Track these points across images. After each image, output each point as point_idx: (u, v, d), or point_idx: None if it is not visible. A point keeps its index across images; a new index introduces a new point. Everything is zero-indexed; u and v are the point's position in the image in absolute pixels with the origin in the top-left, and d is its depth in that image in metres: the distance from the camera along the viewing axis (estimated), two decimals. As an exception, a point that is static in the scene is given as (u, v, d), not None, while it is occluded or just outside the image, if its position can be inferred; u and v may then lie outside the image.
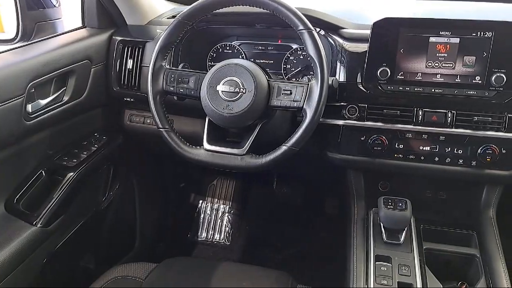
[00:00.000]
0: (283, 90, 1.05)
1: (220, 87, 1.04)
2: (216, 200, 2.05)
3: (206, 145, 1.08)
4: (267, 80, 1.06)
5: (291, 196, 2.00)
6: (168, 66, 1.12)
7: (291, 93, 1.04)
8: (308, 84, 1.03)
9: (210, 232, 2.00)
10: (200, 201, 2.06)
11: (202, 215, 2.04)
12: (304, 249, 1.90)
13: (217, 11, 1.11)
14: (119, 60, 1.36)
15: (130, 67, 1.35)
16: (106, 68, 1.37)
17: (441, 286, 1.01)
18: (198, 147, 1.09)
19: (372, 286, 1.00)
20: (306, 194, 1.97)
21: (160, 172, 1.87)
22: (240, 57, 1.41)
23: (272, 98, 1.05)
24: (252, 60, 1.40)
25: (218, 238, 1.99)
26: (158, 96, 1.10)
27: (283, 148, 1.03)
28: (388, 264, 1.05)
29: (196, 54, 1.39)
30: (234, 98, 1.03)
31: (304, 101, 1.02)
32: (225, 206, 2.04)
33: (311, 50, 1.02)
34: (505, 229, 1.21)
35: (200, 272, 1.17)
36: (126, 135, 1.48)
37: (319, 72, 1.01)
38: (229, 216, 2.02)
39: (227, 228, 2.00)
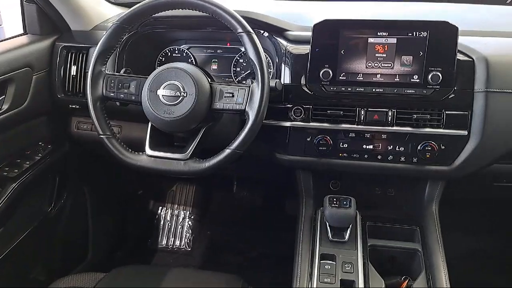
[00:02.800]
0: (225, 93, 1.05)
1: (161, 92, 1.04)
2: (176, 206, 2.04)
3: (148, 151, 1.07)
4: (209, 83, 1.06)
5: (251, 198, 2.00)
6: (108, 72, 1.11)
7: (233, 96, 1.04)
8: (250, 86, 1.04)
9: (171, 239, 1.98)
10: (160, 208, 2.04)
11: (162, 222, 2.02)
12: (266, 250, 1.91)
13: (159, 14, 1.11)
14: (63, 67, 1.33)
15: (74, 73, 1.32)
16: (49, 75, 1.34)
17: (383, 282, 1.03)
18: (141, 153, 1.08)
19: (315, 285, 1.01)
20: (266, 196, 1.98)
21: (115, 179, 1.84)
22: (189, 60, 1.40)
23: (214, 101, 1.05)
24: (201, 63, 1.40)
25: (178, 245, 1.97)
26: (98, 102, 1.08)
27: (227, 151, 1.03)
28: (333, 262, 1.07)
29: (143, 58, 1.37)
30: (175, 102, 1.03)
31: (246, 104, 1.03)
32: (185, 211, 2.02)
33: (251, 53, 1.03)
34: (447, 223, 1.25)
35: (149, 280, 1.15)
36: (74, 143, 1.45)
37: (259, 74, 1.02)
38: (190, 222, 2.00)
39: (187, 234, 1.98)
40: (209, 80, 1.07)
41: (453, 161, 1.14)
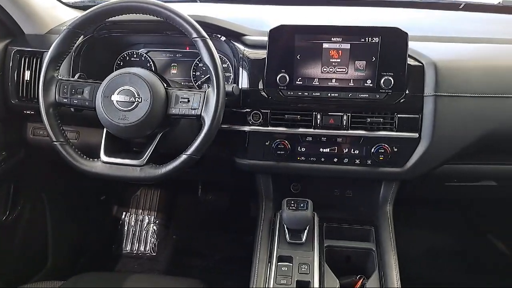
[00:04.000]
0: (181, 98, 1.05)
1: (115, 97, 1.03)
2: (141, 211, 2.02)
3: (103, 157, 1.06)
4: (165, 89, 1.06)
5: (216, 202, 2.00)
6: (62, 77, 1.09)
7: (189, 101, 1.04)
8: (205, 92, 1.04)
9: (135, 244, 1.96)
10: (124, 213, 2.01)
11: (126, 227, 1.99)
12: (230, 254, 1.91)
13: (115, 19, 1.10)
14: (16, 72, 1.30)
15: (28, 78, 1.29)
16: (2, 80, 1.30)
17: (338, 281, 1.06)
18: (96, 159, 1.07)
19: (271, 286, 1.03)
20: (231, 199, 1.99)
21: (76, 186, 1.80)
22: (148, 65, 1.39)
23: (170, 107, 1.05)
24: (161, 68, 1.40)
25: (143, 250, 1.95)
26: (51, 108, 1.07)
27: (183, 157, 1.03)
28: (290, 264, 1.08)
29: (100, 63, 1.35)
30: (129, 108, 1.02)
31: (202, 109, 1.03)
32: (150, 216, 2.01)
33: (206, 58, 1.03)
34: (403, 223, 1.29)
35: (108, 287, 1.14)
36: (30, 150, 1.41)
37: (214, 79, 1.03)
38: (155, 227, 1.99)
39: (152, 239, 1.96)
40: (165, 85, 1.07)
41: (405, 163, 1.18)
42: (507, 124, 1.16)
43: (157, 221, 1.99)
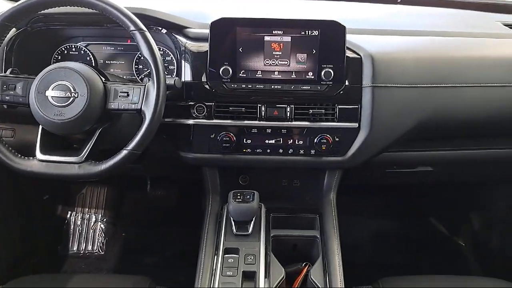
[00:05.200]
0: (120, 92, 1.03)
1: (50, 93, 0.99)
2: (87, 209, 1.95)
3: (39, 155, 1.02)
4: (103, 83, 1.03)
5: (166, 197, 1.98)
6: None
7: (128, 95, 1.02)
8: (145, 85, 1.02)
9: (82, 244, 1.90)
10: (69, 212, 1.95)
11: (72, 227, 1.93)
12: (182, 248, 1.90)
13: (49, 11, 1.05)
14: None
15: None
16: None
17: (283, 270, 1.08)
18: (31, 158, 1.02)
19: (217, 278, 1.04)
20: (180, 194, 1.97)
21: (14, 185, 1.71)
22: (88, 59, 1.34)
23: (108, 101, 1.03)
24: (102, 61, 1.35)
25: (91, 249, 1.90)
26: (-20, 105, 1.01)
27: (124, 152, 1.01)
28: (236, 255, 1.09)
29: (36, 57, 1.29)
30: (65, 104, 0.99)
31: (142, 103, 1.02)
32: (97, 215, 1.95)
33: (145, 51, 1.02)
34: (350, 209, 1.34)
35: (49, 289, 1.10)
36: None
37: (154, 73, 1.02)
38: (102, 225, 1.94)
39: (100, 238, 1.91)
40: (103, 79, 1.04)
41: (347, 152, 1.22)
42: (440, 112, 1.22)
43: (104, 219, 1.93)
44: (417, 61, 1.23)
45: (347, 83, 1.19)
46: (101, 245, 1.90)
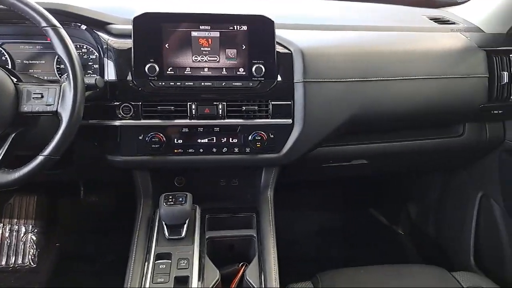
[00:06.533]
0: (34, 94, 0.95)
1: (-48, 97, 0.89)
2: (16, 220, 1.82)
3: None
4: (14, 84, 0.95)
5: (102, 202, 1.88)
6: None
7: (43, 97, 0.95)
8: (61, 86, 0.95)
9: (11, 257, 1.77)
10: (-5, 225, 1.80)
11: (-1, 240, 1.79)
12: (122, 254, 1.81)
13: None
14: None
15: None
16: None
17: (218, 272, 1.05)
18: None
19: (147, 286, 0.99)
20: (117, 198, 1.88)
21: None
22: (3, 58, 1.24)
23: (21, 104, 0.95)
24: (20, 61, 1.25)
25: (21, 262, 1.77)
26: None
27: (39, 158, 0.94)
28: (168, 260, 1.05)
29: None
30: (-31, 107, 0.89)
31: (58, 104, 0.95)
32: (27, 225, 1.82)
33: (59, 49, 0.95)
34: (285, 206, 1.33)
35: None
36: None
37: (70, 72, 0.95)
38: (33, 236, 1.81)
39: (31, 250, 1.79)
40: (15, 80, 0.96)
41: (282, 148, 1.21)
42: (370, 106, 1.24)
43: (35, 230, 1.81)
44: (346, 56, 1.24)
45: (279, 78, 1.17)
46: (32, 257, 1.77)
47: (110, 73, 1.13)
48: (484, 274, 1.57)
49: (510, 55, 1.33)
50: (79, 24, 1.15)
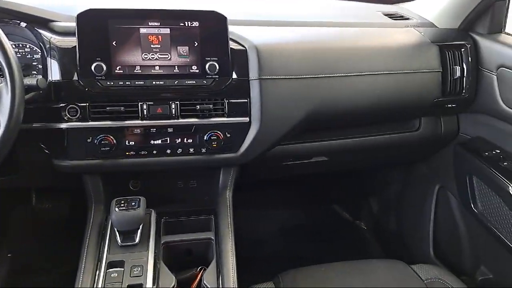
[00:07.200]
0: None
1: None
2: (-43, 232, 1.70)
3: None
4: None
5: (56, 210, 1.79)
6: None
7: None
8: None
9: (-43, 272, 1.66)
10: None
11: None
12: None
13: None
14: None
15: None
16: None
17: (174, 278, 1.01)
18: None
19: None
20: (71, 204, 1.80)
21: None
22: None
23: None
24: None
25: (-33, 277, 1.66)
26: None
27: (-28, 166, 0.87)
28: (121, 268, 1.00)
29: None
30: None
31: None
32: (-27, 237, 1.71)
33: None
34: (247, 206, 1.30)
35: None
36: None
37: (6, 72, 0.88)
38: (-20, 248, 1.70)
39: (-21, 263, 1.68)
40: None
41: (239, 148, 1.18)
42: (326, 103, 1.23)
43: (-16, 241, 1.70)
44: (302, 52, 1.22)
45: (234, 76, 1.15)
46: (-21, 270, 1.67)
47: (55, 73, 1.07)
48: (443, 266, 1.61)
49: (462, 50, 1.36)
50: (18, 22, 1.08)
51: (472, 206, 1.41)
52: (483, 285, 1.51)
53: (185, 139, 1.15)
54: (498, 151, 1.34)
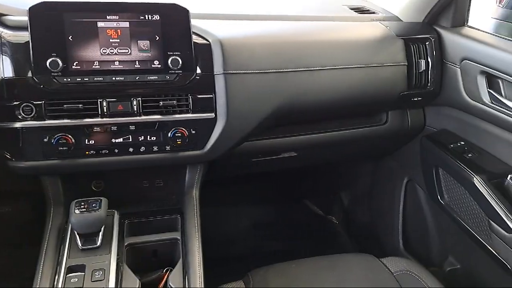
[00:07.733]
0: None
1: None
2: None
3: None
4: None
5: (16, 213, 1.72)
6: None
7: None
8: None
9: None
10: None
11: None
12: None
13: None
14: None
15: None
16: None
17: (138, 281, 0.98)
18: None
19: None
20: (33, 208, 1.72)
21: None
22: None
23: None
24: None
25: None
26: None
27: None
28: (81, 273, 0.96)
29: None
30: None
31: None
32: None
33: None
34: (216, 203, 1.27)
35: None
36: None
37: None
38: None
39: None
40: None
41: (205, 144, 1.15)
42: (294, 97, 1.21)
43: None
44: (268, 47, 1.20)
45: (198, 71, 1.11)
46: None
47: (7, 70, 1.01)
48: (412, 257, 1.63)
49: (427, 43, 1.37)
50: (-35, 15, 1.02)
51: (439, 197, 1.43)
52: (451, 276, 1.54)
53: (148, 136, 1.11)
54: (463, 143, 1.37)
